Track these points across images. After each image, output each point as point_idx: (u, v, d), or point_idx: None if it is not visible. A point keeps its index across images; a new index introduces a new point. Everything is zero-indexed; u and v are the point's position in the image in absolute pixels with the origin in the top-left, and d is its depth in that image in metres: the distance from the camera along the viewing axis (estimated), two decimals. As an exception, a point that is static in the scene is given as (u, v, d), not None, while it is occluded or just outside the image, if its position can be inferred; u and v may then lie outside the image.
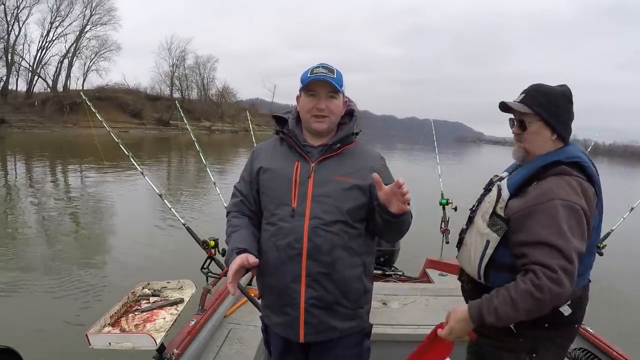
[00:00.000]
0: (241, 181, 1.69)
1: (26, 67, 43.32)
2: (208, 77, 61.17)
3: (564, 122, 1.53)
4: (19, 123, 35.55)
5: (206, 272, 2.59)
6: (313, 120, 1.55)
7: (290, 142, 1.60)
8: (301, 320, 1.53)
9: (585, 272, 1.51)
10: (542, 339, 1.51)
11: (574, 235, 1.34)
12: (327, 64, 1.55)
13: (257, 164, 1.64)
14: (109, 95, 44.34)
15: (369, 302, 1.67)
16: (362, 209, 1.55)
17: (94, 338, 1.82)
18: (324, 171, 1.55)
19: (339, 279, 1.52)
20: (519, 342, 1.52)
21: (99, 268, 6.25)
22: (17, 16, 40.61)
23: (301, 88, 1.56)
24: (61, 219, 9.23)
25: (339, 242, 1.51)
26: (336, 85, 1.51)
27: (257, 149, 1.72)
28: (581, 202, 1.37)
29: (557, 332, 1.51)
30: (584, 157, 1.47)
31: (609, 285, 5.56)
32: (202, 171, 15.71)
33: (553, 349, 1.53)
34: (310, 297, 1.52)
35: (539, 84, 1.57)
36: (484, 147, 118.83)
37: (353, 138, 1.63)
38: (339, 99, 1.57)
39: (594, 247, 1.51)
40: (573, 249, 1.32)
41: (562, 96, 1.53)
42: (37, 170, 16.48)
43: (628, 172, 38.92)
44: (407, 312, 2.93)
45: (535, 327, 1.47)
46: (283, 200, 1.54)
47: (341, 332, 1.57)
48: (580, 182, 1.40)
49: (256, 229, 1.63)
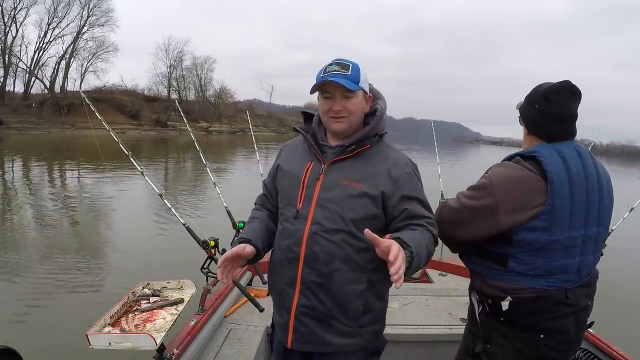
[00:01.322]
0: (268, 176, 1.68)
1: (23, 69, 43.33)
2: (205, 78, 61.25)
3: (533, 119, 1.56)
4: (16, 125, 35.45)
5: (206, 272, 2.58)
6: (331, 121, 1.46)
7: (308, 141, 1.54)
8: (290, 326, 1.49)
9: (540, 276, 1.46)
10: (497, 332, 1.55)
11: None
12: (341, 60, 1.43)
13: (278, 160, 1.63)
14: (107, 96, 44.24)
15: (377, 323, 1.53)
16: (373, 220, 1.42)
17: (94, 338, 1.81)
18: (333, 174, 1.46)
19: (335, 291, 1.42)
20: (477, 328, 1.62)
21: (99, 268, 6.23)
22: (14, 17, 40.66)
23: (314, 90, 1.45)
24: (60, 219, 9.21)
25: (339, 253, 1.41)
26: (348, 85, 1.39)
27: (283, 146, 1.69)
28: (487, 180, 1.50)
29: (513, 332, 1.52)
30: (543, 152, 1.47)
31: (609, 285, 5.55)
32: (201, 171, 15.72)
33: (508, 349, 1.53)
34: (302, 305, 1.46)
35: (539, 84, 1.59)
36: (482, 148, 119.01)
37: (374, 140, 1.49)
38: (358, 97, 1.44)
39: (555, 244, 1.44)
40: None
41: (535, 93, 1.56)
42: (35, 172, 16.44)
43: (624, 172, 38.99)
44: (407, 312, 2.93)
45: (491, 318, 1.56)
46: (290, 200, 1.50)
47: (336, 347, 1.47)
48: (521, 168, 1.47)
49: (274, 223, 1.60)
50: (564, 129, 1.53)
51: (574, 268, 1.47)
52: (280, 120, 72.01)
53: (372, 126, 1.49)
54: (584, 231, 1.46)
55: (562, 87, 1.50)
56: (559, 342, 1.50)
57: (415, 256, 1.24)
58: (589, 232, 1.48)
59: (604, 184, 1.52)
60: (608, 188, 1.54)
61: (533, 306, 1.47)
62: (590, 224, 1.48)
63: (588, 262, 1.51)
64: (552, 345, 1.50)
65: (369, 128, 1.48)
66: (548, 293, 1.46)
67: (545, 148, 1.49)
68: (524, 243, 1.45)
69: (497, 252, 1.52)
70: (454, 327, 2.69)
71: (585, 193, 1.45)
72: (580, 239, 1.46)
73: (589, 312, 1.58)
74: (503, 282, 1.50)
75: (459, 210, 1.57)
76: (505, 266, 1.50)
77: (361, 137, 1.47)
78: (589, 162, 1.50)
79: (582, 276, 1.50)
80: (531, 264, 1.46)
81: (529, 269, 1.46)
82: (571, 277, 1.47)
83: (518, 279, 1.47)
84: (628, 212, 3.08)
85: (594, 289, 1.57)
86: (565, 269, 1.46)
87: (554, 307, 1.47)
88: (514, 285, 1.48)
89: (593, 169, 1.50)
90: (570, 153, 1.48)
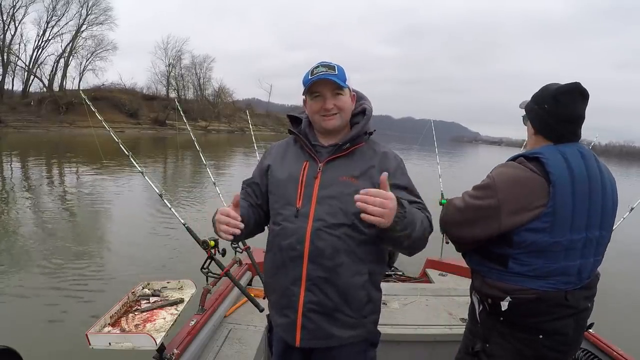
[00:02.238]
0: (251, 176, 1.69)
1: (22, 67, 43.16)
2: (204, 77, 61.20)
3: (541, 120, 1.55)
4: (14, 123, 35.31)
5: (206, 272, 2.57)
6: (323, 119, 1.51)
7: (301, 142, 1.58)
8: (298, 324, 1.50)
9: (540, 277, 1.46)
10: (496, 332, 1.55)
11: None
12: (326, 62, 1.50)
13: (267, 161, 1.64)
14: (105, 95, 44.16)
15: (375, 312, 1.60)
16: None
17: (94, 338, 1.81)
18: (331, 172, 1.50)
19: (340, 285, 1.47)
20: (477, 327, 1.62)
21: (99, 268, 6.21)
22: (13, 15, 40.44)
23: (305, 91, 1.51)
24: (59, 219, 9.19)
25: (343, 247, 1.45)
26: (339, 81, 1.46)
27: (271, 147, 1.71)
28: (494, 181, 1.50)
29: (512, 332, 1.52)
30: (546, 154, 1.47)
31: (609, 285, 5.56)
32: (200, 171, 15.70)
33: (507, 349, 1.53)
34: (309, 302, 1.48)
35: (545, 85, 1.59)
36: (481, 147, 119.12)
37: (365, 138, 1.56)
38: (346, 95, 1.52)
39: (556, 245, 1.44)
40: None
41: (544, 93, 1.56)
42: (33, 171, 16.39)
43: (623, 172, 39.08)
44: (407, 312, 2.93)
45: (490, 318, 1.56)
46: (288, 200, 1.51)
47: (341, 340, 1.51)
48: (524, 169, 1.47)
49: (252, 213, 1.60)
50: (572, 130, 1.52)
51: (574, 270, 1.47)
52: (279, 119, 71.98)
53: (364, 124, 1.55)
54: (586, 234, 1.46)
55: (573, 89, 1.49)
56: (558, 343, 1.50)
57: (408, 215, 1.27)
58: (591, 235, 1.47)
59: (607, 187, 1.51)
60: (612, 191, 1.53)
61: (532, 307, 1.47)
62: (592, 227, 1.47)
63: (589, 265, 1.50)
64: (551, 346, 1.50)
65: (360, 126, 1.55)
66: (547, 294, 1.45)
67: (548, 149, 1.49)
68: (525, 244, 1.45)
69: (498, 252, 1.52)
70: (454, 327, 2.70)
71: (588, 195, 1.44)
72: (581, 242, 1.46)
73: (588, 313, 1.57)
74: (503, 282, 1.50)
75: (463, 209, 1.57)
76: (505, 266, 1.50)
77: (354, 135, 1.53)
78: (593, 164, 1.49)
79: (583, 279, 1.50)
80: (531, 265, 1.46)
81: (528, 270, 1.46)
82: (571, 279, 1.47)
83: (518, 280, 1.48)
84: (628, 212, 3.08)
85: (594, 292, 1.57)
86: (565, 271, 1.46)
87: (553, 308, 1.47)
88: (513, 285, 1.48)
89: (597, 171, 1.49)
90: (573, 155, 1.47)
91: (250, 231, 1.63)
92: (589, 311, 1.57)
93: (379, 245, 1.51)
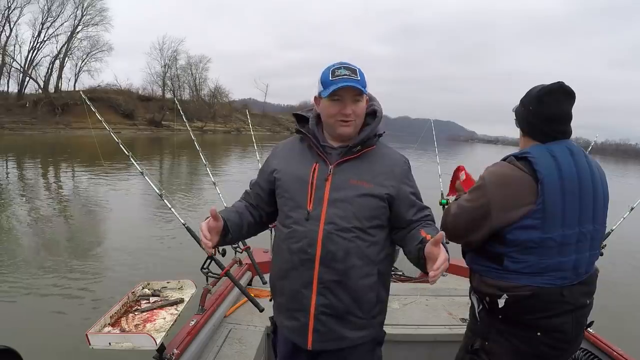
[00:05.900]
0: (259, 177, 1.68)
1: (17, 68, 42.86)
2: (200, 77, 60.92)
3: (526, 121, 1.60)
4: (10, 125, 35.09)
5: (206, 272, 2.56)
6: (339, 124, 1.47)
7: (310, 142, 1.54)
8: (310, 327, 1.49)
9: (535, 273, 1.48)
10: (494, 329, 1.57)
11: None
12: (348, 64, 1.44)
13: (273, 163, 1.61)
14: (101, 95, 43.83)
15: (383, 312, 1.60)
16: (381, 216, 1.49)
17: (94, 338, 1.80)
18: (342, 175, 1.48)
19: (352, 287, 1.46)
20: (477, 325, 1.64)
21: (99, 268, 6.20)
22: (7, 17, 40.18)
23: (323, 93, 1.44)
24: (59, 219, 9.17)
25: (354, 250, 1.45)
26: (362, 88, 1.42)
27: (276, 147, 1.68)
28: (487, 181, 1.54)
29: (510, 330, 1.54)
30: (534, 153, 1.50)
31: (609, 285, 5.57)
32: (198, 171, 15.66)
33: (506, 347, 1.55)
34: (320, 305, 1.47)
35: (533, 87, 1.62)
36: (477, 146, 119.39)
37: (375, 140, 1.53)
38: (363, 101, 1.48)
39: (549, 242, 1.46)
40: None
41: (528, 96, 1.60)
42: (30, 172, 16.32)
43: (620, 170, 39.24)
44: (407, 312, 2.93)
45: (489, 316, 1.58)
46: (299, 202, 1.49)
47: (351, 341, 1.52)
48: (512, 168, 1.51)
49: (249, 214, 1.62)
50: (557, 129, 1.55)
51: (569, 266, 1.48)
52: (275, 119, 71.92)
53: (374, 126, 1.52)
54: (578, 229, 1.48)
55: (555, 89, 1.53)
56: (557, 340, 1.51)
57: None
58: (584, 229, 1.49)
59: (598, 182, 1.54)
60: (603, 185, 1.56)
61: (528, 303, 1.48)
62: (584, 222, 1.49)
63: (585, 260, 1.52)
64: (550, 344, 1.50)
65: (371, 128, 1.52)
66: (543, 290, 1.47)
67: (536, 148, 1.53)
68: (517, 241, 1.48)
69: (493, 251, 1.54)
70: (454, 327, 2.70)
71: (578, 191, 1.47)
72: (574, 237, 1.48)
73: (588, 310, 1.58)
74: (499, 280, 1.52)
75: (459, 214, 1.61)
76: (501, 264, 1.52)
77: (365, 137, 1.50)
78: (582, 160, 1.52)
79: (579, 274, 1.51)
80: (525, 262, 1.48)
81: (523, 267, 1.48)
82: (567, 274, 1.48)
83: (514, 277, 1.50)
84: (628, 212, 3.09)
85: (593, 288, 1.58)
86: (560, 266, 1.47)
87: (550, 305, 1.48)
88: (509, 283, 1.50)
89: (586, 167, 1.51)
90: (562, 152, 1.50)
91: (247, 232, 1.63)
92: (589, 308, 1.58)
93: (387, 246, 1.54)
